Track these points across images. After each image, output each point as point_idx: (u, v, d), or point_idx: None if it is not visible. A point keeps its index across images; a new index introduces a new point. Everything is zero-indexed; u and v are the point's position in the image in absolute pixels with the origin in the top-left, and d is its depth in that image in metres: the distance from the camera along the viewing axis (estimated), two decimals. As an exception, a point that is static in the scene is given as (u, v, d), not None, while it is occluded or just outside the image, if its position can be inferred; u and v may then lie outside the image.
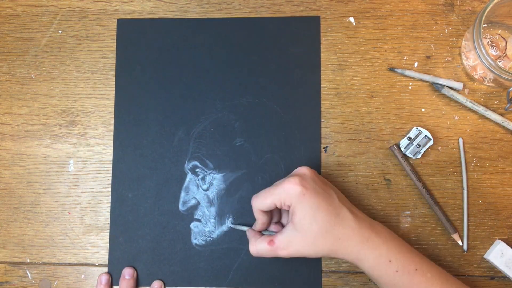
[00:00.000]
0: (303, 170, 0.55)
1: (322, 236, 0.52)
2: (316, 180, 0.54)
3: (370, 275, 0.54)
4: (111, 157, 0.64)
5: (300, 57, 0.64)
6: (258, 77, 0.64)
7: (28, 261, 0.63)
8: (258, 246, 0.54)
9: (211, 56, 0.65)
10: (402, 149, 0.60)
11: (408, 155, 0.60)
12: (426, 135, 0.60)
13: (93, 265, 0.63)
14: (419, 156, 0.60)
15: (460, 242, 0.60)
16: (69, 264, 0.63)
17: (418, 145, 0.60)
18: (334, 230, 0.52)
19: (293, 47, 0.64)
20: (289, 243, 0.53)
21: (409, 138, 0.60)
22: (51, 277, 0.63)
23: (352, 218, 0.53)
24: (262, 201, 0.54)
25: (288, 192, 0.52)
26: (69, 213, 0.64)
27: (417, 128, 0.60)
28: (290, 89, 0.64)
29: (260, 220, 0.56)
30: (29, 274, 0.63)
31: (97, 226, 0.63)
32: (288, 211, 0.55)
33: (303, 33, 0.64)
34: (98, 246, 0.63)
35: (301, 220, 0.52)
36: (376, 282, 0.54)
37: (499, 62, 0.62)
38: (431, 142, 0.60)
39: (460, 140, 0.61)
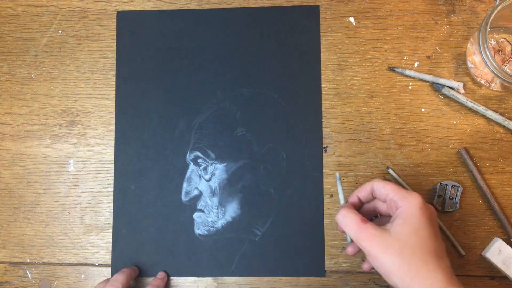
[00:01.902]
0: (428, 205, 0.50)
1: (412, 250, 0.46)
2: (434, 214, 0.50)
3: None
4: (111, 157, 0.64)
5: (300, 47, 0.64)
6: (259, 67, 0.64)
7: (28, 261, 0.63)
8: (349, 214, 0.49)
9: (211, 46, 0.65)
10: (438, 207, 0.60)
11: (448, 210, 0.60)
12: (453, 185, 0.60)
13: (93, 265, 0.63)
14: (458, 206, 0.60)
15: None
16: (69, 264, 0.63)
17: (451, 197, 0.60)
18: (427, 255, 0.46)
19: (294, 36, 0.64)
20: (375, 236, 0.47)
21: (440, 196, 0.60)
22: (51, 277, 0.63)
23: (447, 264, 0.47)
24: (381, 185, 0.50)
25: (408, 199, 0.48)
26: (69, 213, 0.64)
27: (440, 184, 0.60)
28: (291, 79, 0.64)
29: (362, 195, 0.52)
30: (29, 274, 0.63)
31: (97, 226, 0.63)
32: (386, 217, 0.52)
33: (304, 23, 0.64)
34: (98, 246, 0.63)
35: (402, 226, 0.47)
36: None
37: (505, 66, 0.62)
38: (461, 188, 0.60)
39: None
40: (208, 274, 0.62)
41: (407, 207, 0.48)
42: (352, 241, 0.52)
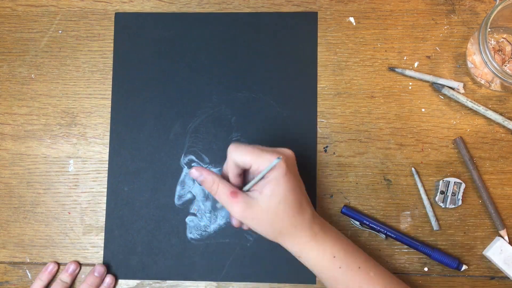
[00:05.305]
0: (288, 152, 0.53)
1: (281, 218, 0.52)
2: (295, 165, 0.54)
3: (313, 269, 0.54)
4: (111, 157, 0.64)
5: (297, 53, 0.64)
6: (255, 72, 0.64)
7: (28, 261, 0.63)
8: (220, 189, 0.52)
9: (208, 50, 0.65)
10: (441, 204, 0.60)
11: (450, 206, 0.60)
12: (455, 182, 0.60)
13: (93, 265, 0.63)
14: (460, 202, 0.60)
15: (507, 238, 0.60)
16: (69, 264, 0.63)
17: (453, 194, 0.60)
18: (293, 217, 0.52)
19: (291, 42, 0.64)
20: (248, 209, 0.51)
21: (442, 192, 0.60)
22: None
23: (309, 210, 0.54)
24: (241, 155, 0.52)
25: (273, 167, 0.51)
26: (69, 213, 0.64)
27: (443, 180, 0.60)
28: (287, 85, 0.64)
29: (232, 171, 0.54)
30: (29, 274, 0.63)
31: (97, 226, 0.63)
32: (256, 176, 0.53)
33: (301, 29, 0.64)
34: (98, 246, 0.63)
35: (271, 196, 0.51)
36: (319, 277, 0.55)
37: (505, 66, 0.61)
38: (463, 185, 0.60)
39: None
40: (198, 278, 0.62)
41: (272, 176, 0.51)
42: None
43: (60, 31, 0.66)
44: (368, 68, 0.64)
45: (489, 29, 0.60)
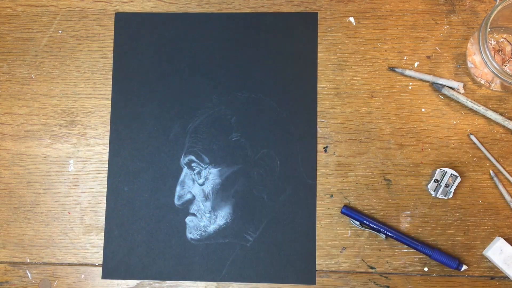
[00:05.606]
0: None
1: None
2: None
3: None
4: (111, 157, 0.64)
5: (297, 53, 0.64)
6: (255, 72, 0.64)
7: (28, 261, 0.63)
8: None
9: (208, 50, 0.65)
10: (432, 192, 0.60)
11: (440, 196, 0.60)
12: (452, 174, 0.60)
13: (93, 265, 0.63)
14: (451, 195, 0.60)
15: None
16: (69, 264, 0.63)
17: (447, 185, 0.60)
18: None
19: (291, 42, 0.64)
20: None
21: (436, 181, 0.60)
22: (51, 277, 0.63)
23: None
24: None
25: None
26: (69, 213, 0.64)
27: (440, 170, 0.60)
28: (287, 85, 0.64)
29: None
30: (29, 274, 0.63)
31: (97, 226, 0.63)
32: None
33: (301, 29, 0.64)
34: (98, 246, 0.63)
35: None
36: None
37: (505, 66, 0.61)
38: (459, 179, 0.60)
39: (472, 137, 0.61)
40: (198, 279, 0.62)
41: None
42: None
43: (60, 31, 0.66)
44: (368, 68, 0.64)
45: (489, 29, 0.60)
